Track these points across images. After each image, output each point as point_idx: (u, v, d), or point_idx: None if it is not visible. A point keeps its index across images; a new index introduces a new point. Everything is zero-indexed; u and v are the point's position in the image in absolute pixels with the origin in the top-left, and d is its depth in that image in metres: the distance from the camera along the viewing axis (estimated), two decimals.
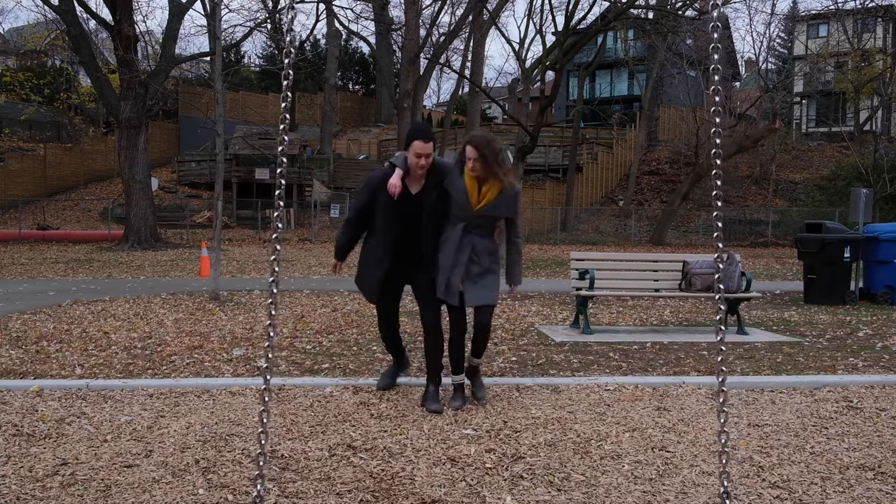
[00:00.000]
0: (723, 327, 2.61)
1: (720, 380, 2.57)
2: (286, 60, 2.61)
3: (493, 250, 4.75)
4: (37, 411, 4.52)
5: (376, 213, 4.70)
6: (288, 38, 2.61)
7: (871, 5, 32.65)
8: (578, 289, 7.99)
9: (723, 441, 2.55)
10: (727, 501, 2.54)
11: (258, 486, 2.59)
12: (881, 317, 9.49)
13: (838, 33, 37.53)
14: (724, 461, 2.55)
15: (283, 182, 2.65)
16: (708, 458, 3.75)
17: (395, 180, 4.61)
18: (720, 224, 2.56)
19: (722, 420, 2.54)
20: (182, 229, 28.59)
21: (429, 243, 4.70)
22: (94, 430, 4.14)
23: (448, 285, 4.66)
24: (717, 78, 2.51)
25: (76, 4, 23.13)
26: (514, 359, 6.40)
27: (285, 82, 2.62)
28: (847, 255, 10.68)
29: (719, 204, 2.54)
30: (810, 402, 4.93)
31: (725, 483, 2.54)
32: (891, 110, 38.46)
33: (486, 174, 4.59)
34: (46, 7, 23.85)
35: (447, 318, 4.88)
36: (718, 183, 2.53)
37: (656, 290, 8.75)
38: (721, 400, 2.56)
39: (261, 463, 2.60)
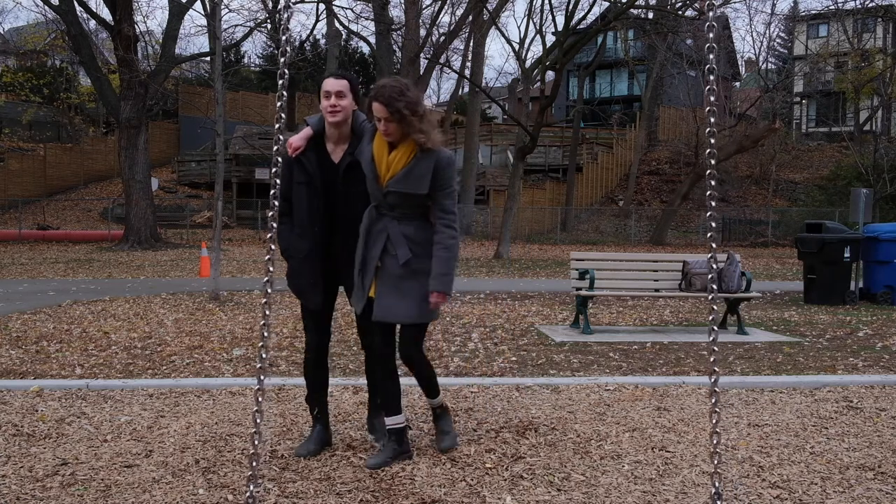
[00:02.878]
0: (715, 328, 2.61)
1: (713, 380, 2.57)
2: (282, 59, 2.61)
3: (422, 238, 3.52)
4: (37, 411, 4.52)
5: (294, 201, 3.71)
6: (284, 38, 2.61)
7: (871, 5, 32.67)
8: (578, 289, 7.99)
9: (714, 442, 2.55)
10: (718, 502, 2.54)
11: (251, 487, 2.60)
12: (881, 317, 9.49)
13: (838, 33, 37.53)
14: (716, 462, 2.55)
15: (277, 182, 2.65)
16: (708, 458, 3.75)
17: (294, 138, 3.69)
18: (714, 224, 2.56)
19: (714, 421, 2.55)
20: (182, 229, 28.59)
21: (345, 230, 3.70)
22: (94, 430, 4.14)
23: (358, 287, 3.60)
24: (712, 78, 2.51)
25: (76, 4, 23.15)
26: (514, 359, 6.40)
27: (280, 81, 2.62)
28: (847, 255, 10.69)
29: (713, 204, 2.54)
30: (810, 402, 4.93)
31: (717, 484, 2.54)
32: (891, 110, 38.45)
33: (403, 135, 3.44)
34: (46, 7, 23.88)
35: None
36: (713, 183, 2.53)
37: (656, 290, 8.76)
38: (713, 400, 2.56)
39: (254, 464, 2.60)
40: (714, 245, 2.58)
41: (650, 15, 30.70)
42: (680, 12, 27.49)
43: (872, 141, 33.87)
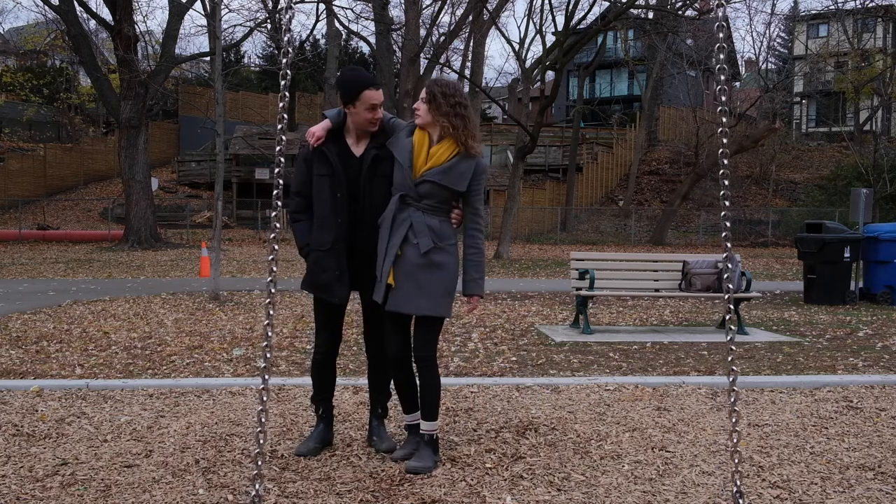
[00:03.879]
0: (733, 327, 2.61)
1: (731, 379, 2.57)
2: (284, 60, 2.61)
3: (444, 233, 3.54)
4: (37, 411, 4.52)
5: (314, 194, 3.69)
6: (286, 38, 2.61)
7: (871, 5, 32.64)
8: (578, 289, 7.99)
9: (735, 441, 2.55)
10: (740, 500, 2.54)
11: (256, 486, 2.60)
12: (881, 317, 9.49)
13: (838, 33, 37.51)
14: (736, 461, 2.55)
15: (281, 182, 2.65)
16: (708, 458, 3.75)
17: (315, 128, 3.68)
18: (728, 224, 2.54)
19: (734, 420, 2.55)
20: (182, 229, 28.60)
21: (369, 224, 3.65)
22: (94, 430, 4.14)
23: (378, 276, 3.56)
24: (722, 78, 2.51)
25: (76, 4, 23.14)
26: (514, 359, 6.40)
27: (283, 82, 2.62)
28: (847, 255, 10.69)
29: (727, 204, 2.52)
30: (810, 402, 4.93)
31: (738, 482, 2.54)
32: (891, 110, 38.44)
33: (437, 127, 3.53)
34: (46, 7, 23.88)
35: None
36: (726, 183, 2.51)
37: (656, 290, 8.76)
38: (732, 399, 2.56)
39: (259, 463, 2.60)
40: (728, 244, 2.56)
41: (650, 15, 30.70)
42: (680, 12, 27.48)
43: (872, 141, 33.84)
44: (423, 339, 3.58)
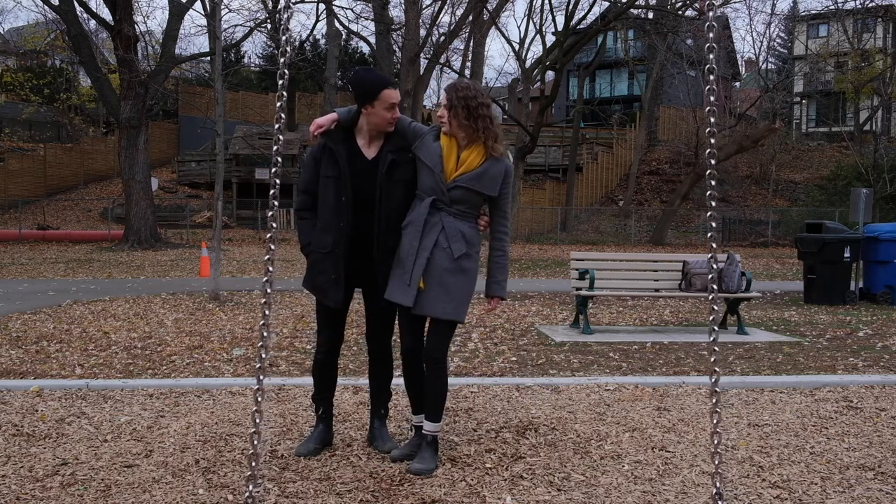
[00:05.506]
0: (716, 328, 2.61)
1: (713, 380, 2.57)
2: (282, 60, 2.61)
3: (473, 240, 3.60)
4: (37, 411, 4.52)
5: (320, 194, 3.65)
6: (284, 38, 2.61)
7: (871, 5, 32.65)
8: (578, 289, 8.00)
9: (715, 442, 2.56)
10: (719, 502, 2.55)
11: (250, 487, 2.60)
12: (881, 317, 9.49)
13: (838, 33, 37.50)
14: (716, 462, 2.55)
15: (278, 182, 2.65)
16: (708, 458, 3.74)
17: (321, 119, 3.62)
18: (714, 224, 2.57)
19: (715, 421, 2.55)
20: (182, 229, 28.59)
21: (384, 228, 3.61)
22: (94, 430, 4.14)
23: (404, 279, 3.52)
24: (711, 78, 2.52)
25: (76, 4, 23.14)
26: (514, 359, 6.40)
27: (280, 81, 2.62)
28: (847, 255, 10.69)
29: (714, 204, 2.55)
30: (810, 402, 4.93)
31: (717, 484, 2.55)
32: (891, 110, 38.44)
33: (464, 132, 3.54)
34: (46, 7, 23.86)
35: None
36: (713, 183, 2.54)
37: (656, 290, 8.76)
38: (714, 400, 2.56)
39: (253, 464, 2.60)
40: (714, 245, 2.58)
41: (650, 15, 30.70)
42: (680, 12, 27.49)
43: (872, 141, 33.83)
44: (439, 341, 3.64)
